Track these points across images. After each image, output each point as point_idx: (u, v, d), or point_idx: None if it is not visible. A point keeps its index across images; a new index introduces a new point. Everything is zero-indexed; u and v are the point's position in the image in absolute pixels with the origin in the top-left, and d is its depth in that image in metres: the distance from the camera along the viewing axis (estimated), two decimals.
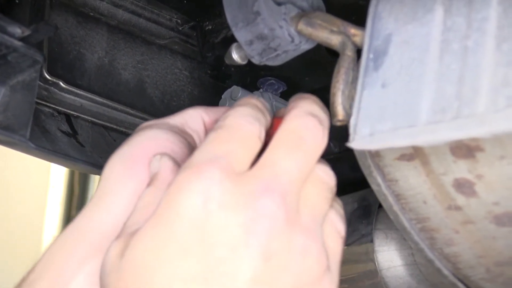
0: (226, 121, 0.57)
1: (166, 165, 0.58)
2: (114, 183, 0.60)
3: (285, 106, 1.18)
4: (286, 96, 1.20)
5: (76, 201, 3.62)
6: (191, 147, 0.65)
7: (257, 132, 0.57)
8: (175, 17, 1.30)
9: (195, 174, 0.52)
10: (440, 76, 0.66)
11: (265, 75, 1.16)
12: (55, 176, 3.69)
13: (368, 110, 0.70)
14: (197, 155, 0.54)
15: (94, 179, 3.63)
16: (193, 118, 0.69)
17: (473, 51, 0.64)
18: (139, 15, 1.27)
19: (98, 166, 1.11)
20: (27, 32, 0.84)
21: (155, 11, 1.29)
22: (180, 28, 1.30)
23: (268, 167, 0.55)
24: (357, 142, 0.70)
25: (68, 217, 3.52)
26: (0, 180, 3.65)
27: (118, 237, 0.54)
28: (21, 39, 0.84)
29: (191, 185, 0.52)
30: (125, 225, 0.55)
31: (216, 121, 0.63)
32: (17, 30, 0.83)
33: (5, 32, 0.82)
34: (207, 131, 0.69)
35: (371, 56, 0.73)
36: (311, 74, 1.17)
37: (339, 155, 1.21)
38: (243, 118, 0.57)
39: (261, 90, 1.17)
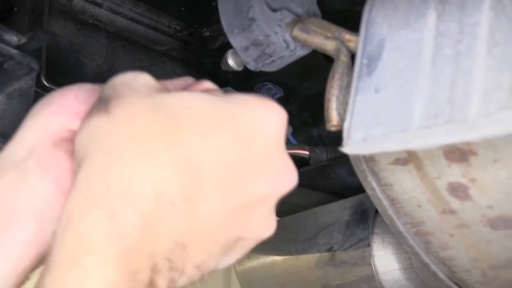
0: None
1: None
2: (28, 120, 0.61)
3: None
4: (283, 101, 1.20)
5: None
6: None
7: None
8: (174, 23, 1.30)
9: None
10: (432, 81, 0.66)
11: (263, 81, 1.16)
12: None
13: (361, 115, 0.71)
14: None
15: None
16: None
17: (465, 56, 0.65)
18: (138, 22, 1.28)
19: None
20: (23, 40, 0.84)
21: (154, 18, 1.29)
22: (179, 35, 1.30)
23: None
24: (350, 147, 0.70)
25: None
26: None
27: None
28: (18, 47, 0.84)
29: None
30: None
31: None
32: (14, 38, 0.84)
33: (2, 40, 0.82)
34: None
35: (365, 61, 0.73)
36: (308, 80, 1.17)
37: (334, 161, 1.21)
38: None
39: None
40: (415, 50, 0.69)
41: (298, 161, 1.29)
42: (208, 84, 0.61)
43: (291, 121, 1.25)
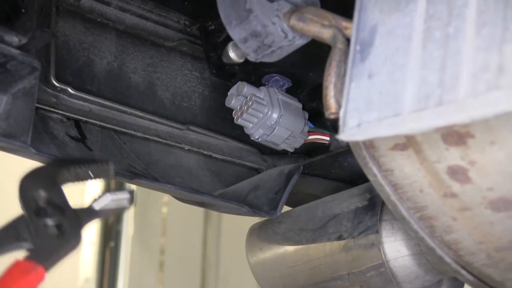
0: None
1: None
2: None
3: (291, 100, 1.19)
4: (291, 91, 1.21)
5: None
6: None
7: None
8: (183, 19, 1.31)
9: None
10: (423, 64, 0.66)
11: (270, 72, 1.17)
12: None
13: (356, 101, 0.71)
14: None
15: None
16: None
17: (454, 38, 0.65)
18: (147, 19, 1.28)
19: None
20: (24, 40, 0.85)
21: (163, 13, 1.29)
22: (188, 30, 1.31)
23: None
24: (345, 134, 0.70)
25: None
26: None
27: None
28: (20, 48, 0.85)
29: None
30: None
31: None
32: (14, 39, 0.85)
33: (3, 41, 0.84)
34: None
35: (358, 48, 0.73)
36: (315, 70, 1.17)
37: (348, 148, 1.21)
38: None
39: (266, 86, 1.17)
40: (406, 34, 0.69)
41: (316, 148, 1.29)
42: None
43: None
